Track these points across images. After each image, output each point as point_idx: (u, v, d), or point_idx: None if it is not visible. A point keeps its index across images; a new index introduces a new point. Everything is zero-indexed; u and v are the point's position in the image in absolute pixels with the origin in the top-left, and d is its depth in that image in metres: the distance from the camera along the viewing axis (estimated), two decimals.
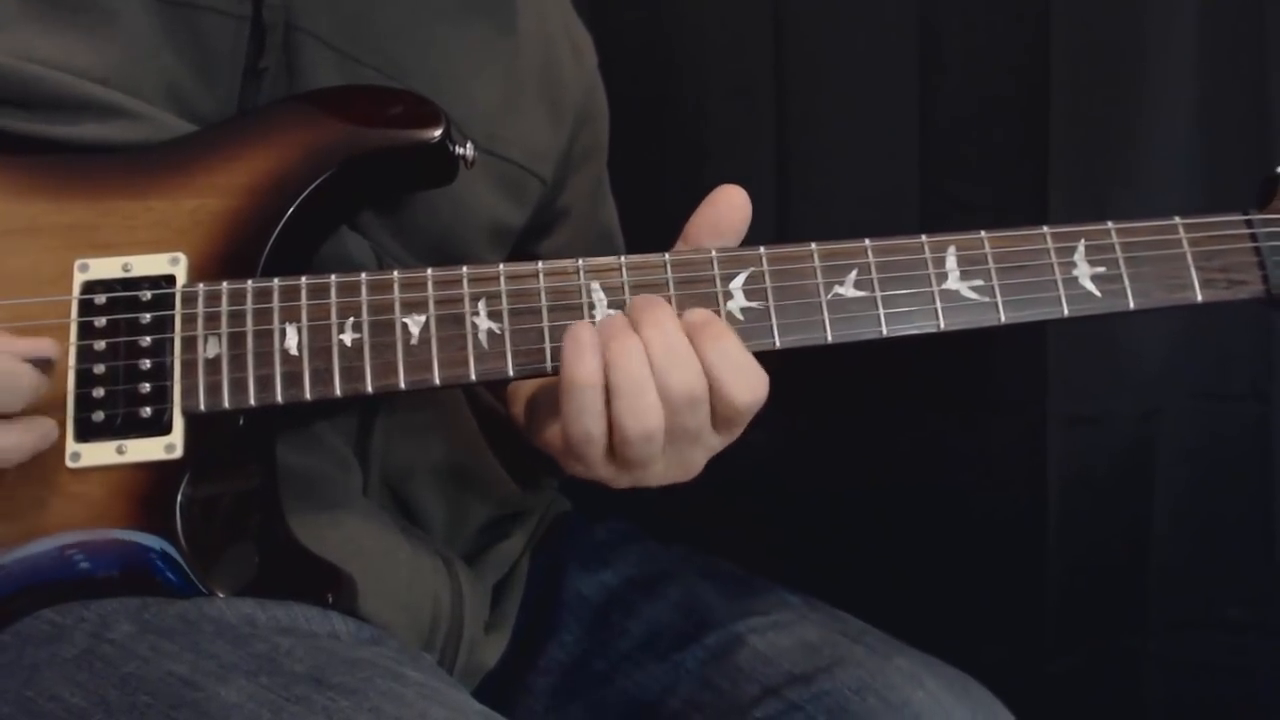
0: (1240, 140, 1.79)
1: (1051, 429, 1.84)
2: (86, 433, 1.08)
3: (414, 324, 1.12)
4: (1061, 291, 1.18)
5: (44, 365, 1.04)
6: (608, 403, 1.08)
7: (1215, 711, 1.91)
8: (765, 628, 1.31)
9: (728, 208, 1.17)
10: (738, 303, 1.14)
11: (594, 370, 1.07)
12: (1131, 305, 1.19)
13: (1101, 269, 1.19)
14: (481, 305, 1.13)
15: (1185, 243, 1.21)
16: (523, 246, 1.43)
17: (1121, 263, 1.19)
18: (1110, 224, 1.20)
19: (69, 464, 1.07)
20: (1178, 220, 1.21)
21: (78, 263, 1.11)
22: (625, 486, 1.15)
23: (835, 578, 1.47)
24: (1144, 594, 1.88)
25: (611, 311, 1.14)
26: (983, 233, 1.18)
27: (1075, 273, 1.18)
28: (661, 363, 1.07)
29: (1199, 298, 1.20)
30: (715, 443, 1.13)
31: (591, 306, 1.14)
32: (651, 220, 1.38)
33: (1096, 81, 1.80)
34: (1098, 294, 1.19)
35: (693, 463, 1.14)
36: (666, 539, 1.49)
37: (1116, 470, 1.86)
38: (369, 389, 1.11)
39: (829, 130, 1.86)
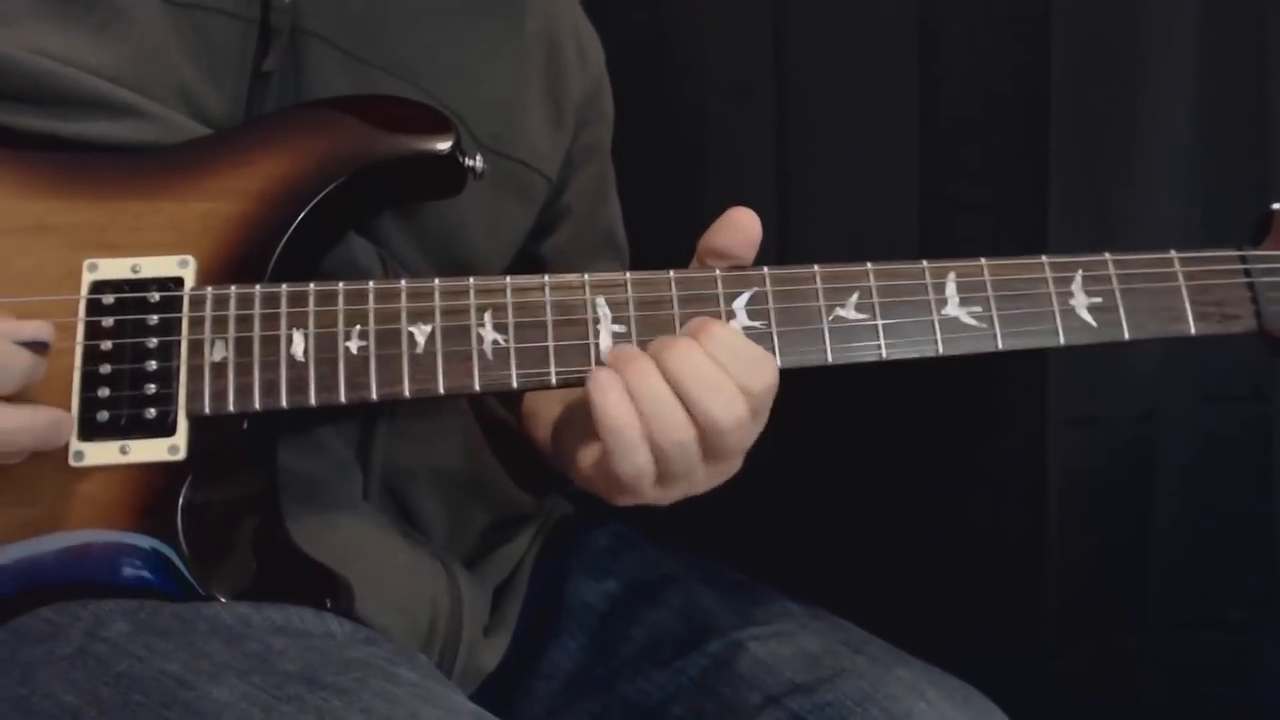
0: (1240, 141, 1.79)
1: (1052, 430, 1.84)
2: (90, 432, 1.08)
3: (420, 333, 1.12)
4: (1059, 320, 1.21)
5: (39, 349, 1.04)
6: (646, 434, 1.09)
7: (1215, 712, 1.91)
8: (767, 636, 1.31)
9: (735, 231, 1.17)
10: (740, 321, 1.16)
11: (627, 409, 1.08)
12: (1126, 336, 1.22)
13: (1098, 299, 1.21)
14: (488, 317, 1.14)
15: (1180, 276, 1.23)
16: (524, 246, 1.44)
17: (1118, 294, 1.22)
18: (1108, 255, 1.22)
19: (72, 462, 1.07)
20: (1173, 254, 1.24)
21: (86, 262, 1.11)
22: (670, 502, 1.15)
23: (836, 577, 1.47)
24: (1144, 594, 1.89)
25: (617, 328, 1.15)
26: (982, 260, 1.20)
27: (1072, 302, 1.21)
28: (699, 395, 1.08)
29: (1192, 331, 1.23)
30: (750, 437, 1.13)
31: (596, 321, 1.15)
32: (652, 220, 1.38)
33: (1096, 82, 1.80)
34: (1094, 324, 1.21)
35: (733, 463, 1.15)
36: (668, 544, 1.49)
37: (1117, 471, 1.87)
38: (373, 396, 1.11)
39: (829, 131, 1.86)
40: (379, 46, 1.27)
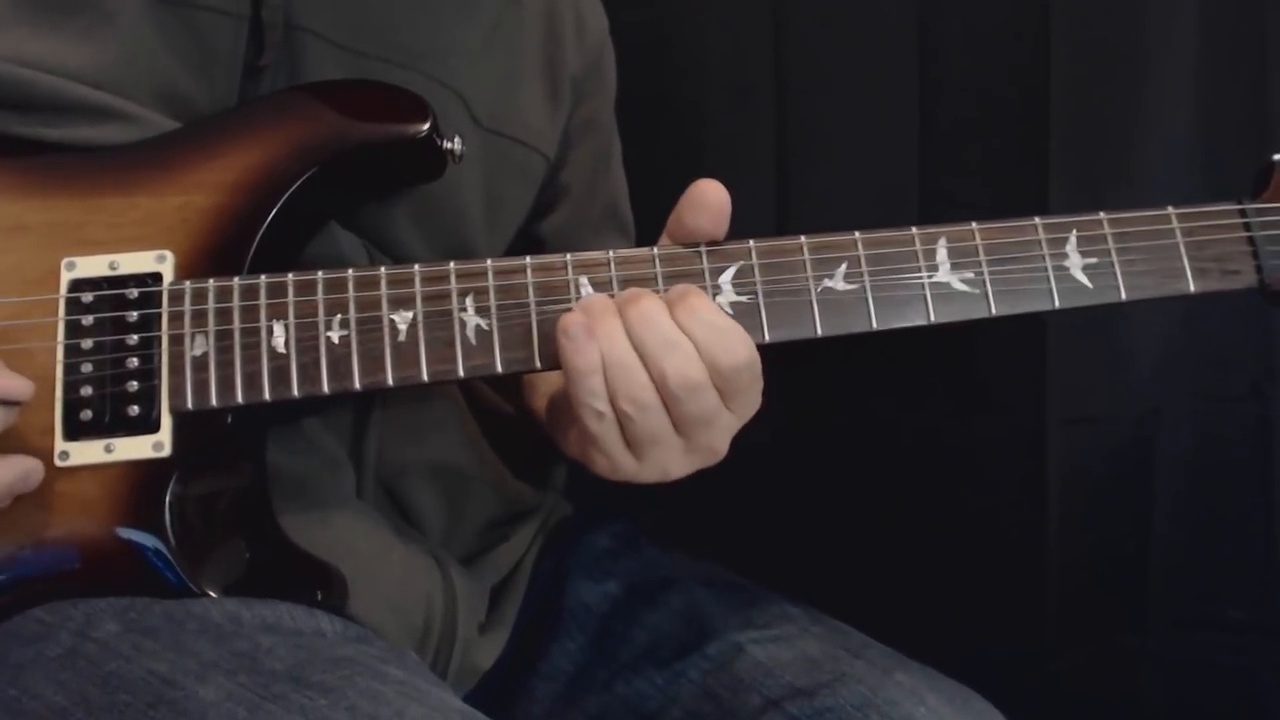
0: (1240, 140, 1.78)
1: (1051, 430, 1.84)
2: (74, 431, 1.08)
3: (401, 320, 1.12)
4: (1053, 282, 1.18)
5: (11, 405, 1.04)
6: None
7: (1215, 712, 1.91)
8: (766, 640, 1.30)
9: (704, 211, 1.16)
10: (727, 297, 1.14)
11: (593, 357, 1.08)
12: (1123, 296, 1.19)
13: (1093, 259, 1.18)
14: (469, 301, 1.13)
15: (1178, 233, 1.20)
16: (524, 226, 1.43)
17: (1113, 253, 1.19)
18: (1102, 214, 1.20)
19: (57, 463, 1.07)
20: (1170, 210, 1.21)
21: (64, 261, 1.11)
22: (655, 479, 1.15)
23: (836, 578, 1.46)
24: (1144, 594, 1.88)
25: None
26: (974, 224, 1.18)
27: (1067, 263, 1.18)
28: (655, 353, 1.07)
29: (1191, 288, 1.20)
30: (731, 421, 1.13)
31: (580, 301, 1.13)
32: (651, 220, 1.38)
33: (1096, 82, 1.79)
34: (1089, 285, 1.18)
35: (714, 446, 1.13)
36: (668, 544, 1.49)
37: (1116, 470, 1.86)
38: (356, 386, 1.11)
39: (829, 130, 1.86)
40: (376, 35, 1.26)
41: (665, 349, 1.08)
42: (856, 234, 1.17)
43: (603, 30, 1.52)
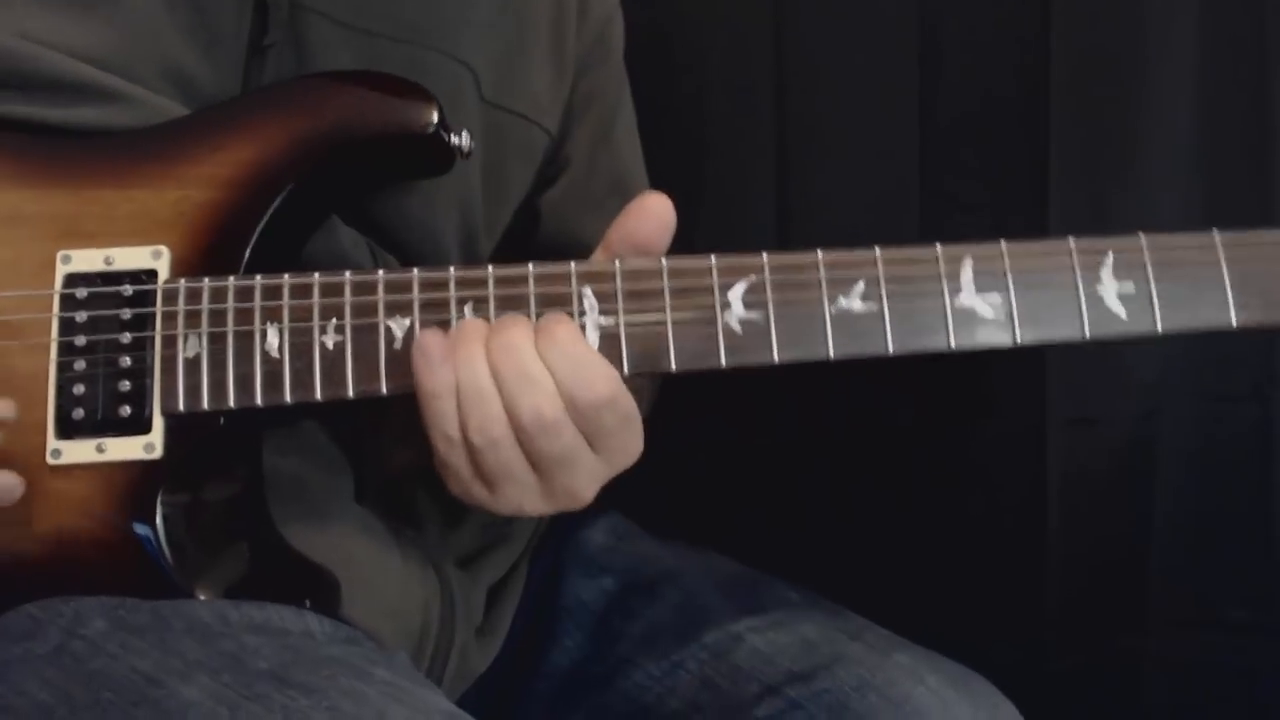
0: (1240, 141, 1.78)
1: (1051, 430, 1.83)
2: (67, 430, 1.08)
3: (398, 327, 1.09)
4: (1084, 312, 1.09)
5: None
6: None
7: (1216, 712, 1.90)
8: (765, 626, 1.30)
9: (646, 216, 1.13)
10: (736, 314, 1.09)
11: (444, 380, 1.06)
12: (1160, 329, 1.10)
13: (1129, 287, 1.10)
14: (469, 310, 1.10)
15: (1223, 261, 1.11)
16: (527, 199, 1.41)
17: (1152, 280, 1.10)
18: (1142, 236, 1.11)
19: (50, 460, 1.07)
20: (1216, 236, 1.12)
21: (60, 254, 1.11)
22: (510, 513, 1.12)
23: (836, 579, 1.46)
24: (1144, 594, 1.88)
25: (604, 320, 1.10)
26: (1002, 243, 1.10)
27: (1100, 289, 1.09)
28: (511, 387, 1.05)
29: (1233, 324, 1.10)
30: (597, 465, 1.10)
31: (583, 314, 1.09)
32: None
33: (1097, 82, 1.79)
34: (1123, 315, 1.09)
35: (574, 490, 1.11)
36: (666, 536, 1.48)
37: (1116, 471, 1.86)
38: (350, 393, 1.09)
39: (829, 130, 1.85)
40: (382, 12, 1.25)
41: (521, 382, 1.05)
42: (876, 250, 1.10)
43: (612, 2, 1.50)
